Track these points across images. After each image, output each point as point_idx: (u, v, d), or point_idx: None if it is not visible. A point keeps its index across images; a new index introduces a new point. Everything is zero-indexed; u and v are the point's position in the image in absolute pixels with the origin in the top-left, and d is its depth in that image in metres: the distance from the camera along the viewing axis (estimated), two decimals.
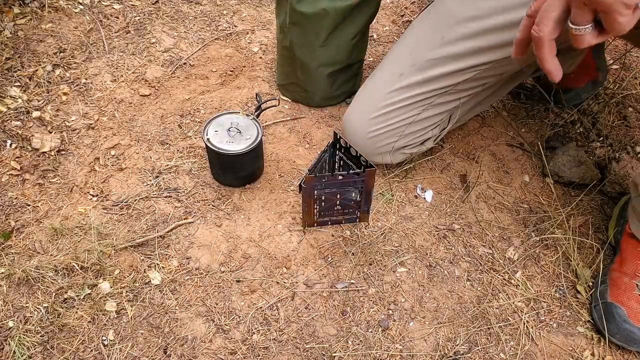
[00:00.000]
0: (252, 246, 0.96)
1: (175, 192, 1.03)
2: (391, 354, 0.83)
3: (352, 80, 1.23)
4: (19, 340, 0.81)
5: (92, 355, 0.81)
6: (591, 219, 1.04)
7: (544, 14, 0.57)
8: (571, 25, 0.55)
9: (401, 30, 1.49)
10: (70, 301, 0.86)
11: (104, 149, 1.10)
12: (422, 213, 1.03)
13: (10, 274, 0.88)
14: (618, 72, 1.37)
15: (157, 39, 1.36)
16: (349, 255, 0.95)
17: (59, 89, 1.20)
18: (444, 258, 0.96)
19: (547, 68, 0.59)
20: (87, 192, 1.02)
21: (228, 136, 0.98)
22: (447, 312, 0.89)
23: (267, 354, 0.82)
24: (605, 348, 0.86)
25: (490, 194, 1.08)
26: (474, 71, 0.95)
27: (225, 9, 1.50)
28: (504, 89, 1.11)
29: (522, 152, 1.17)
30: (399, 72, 0.98)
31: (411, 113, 1.00)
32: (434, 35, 0.94)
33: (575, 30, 0.55)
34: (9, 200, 0.99)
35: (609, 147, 1.17)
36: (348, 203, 0.96)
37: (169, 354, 0.82)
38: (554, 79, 0.60)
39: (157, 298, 0.88)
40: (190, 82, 1.27)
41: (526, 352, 0.85)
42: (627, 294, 0.86)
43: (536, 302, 0.91)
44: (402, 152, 1.05)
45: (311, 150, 1.14)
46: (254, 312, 0.87)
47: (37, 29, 1.31)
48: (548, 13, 0.57)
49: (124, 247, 0.93)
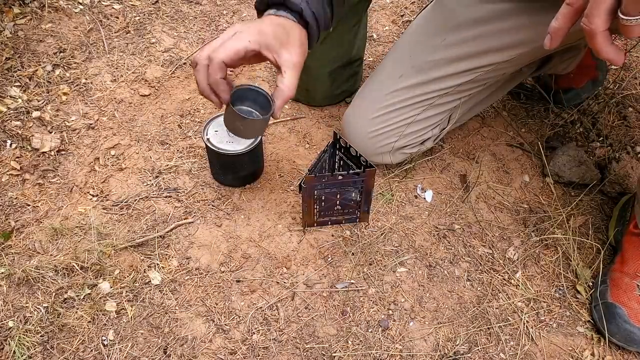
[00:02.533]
0: (252, 246, 0.96)
1: (175, 192, 1.03)
2: (391, 354, 0.83)
3: (352, 79, 1.23)
4: (19, 340, 0.81)
5: (92, 355, 0.81)
6: (591, 219, 1.04)
7: (595, 5, 0.54)
8: (622, 15, 0.53)
9: (401, 30, 1.49)
10: (70, 301, 0.86)
11: (104, 149, 1.10)
12: (422, 213, 1.03)
13: (10, 274, 0.88)
14: (618, 72, 1.37)
15: (157, 39, 1.36)
16: (349, 255, 0.95)
17: (59, 89, 1.20)
18: (444, 258, 0.97)
19: (605, 57, 0.57)
20: (87, 192, 1.02)
21: (228, 136, 0.98)
22: (447, 312, 0.89)
23: (267, 354, 0.82)
24: (605, 348, 0.86)
25: (490, 194, 1.08)
26: (475, 73, 0.95)
27: (225, 9, 1.50)
28: (504, 89, 1.11)
29: (522, 152, 1.17)
30: (398, 73, 0.98)
31: (411, 113, 1.00)
32: (434, 37, 0.94)
33: (627, 21, 0.53)
34: (9, 200, 0.99)
35: (609, 147, 1.17)
36: (348, 203, 0.96)
37: (169, 354, 0.82)
38: (617, 64, 0.58)
39: (157, 298, 0.88)
40: (190, 82, 1.27)
41: (526, 352, 0.85)
42: (628, 294, 0.86)
43: (536, 302, 0.91)
44: (402, 152, 1.05)
45: (311, 150, 1.14)
46: (254, 312, 0.87)
47: (37, 29, 1.31)
48: (599, 4, 0.54)
49: (124, 247, 0.93)
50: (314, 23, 0.75)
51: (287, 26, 0.73)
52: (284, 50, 0.71)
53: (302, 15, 0.73)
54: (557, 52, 1.09)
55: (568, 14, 0.58)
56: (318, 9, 0.75)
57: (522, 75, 1.10)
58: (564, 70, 1.20)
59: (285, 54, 0.71)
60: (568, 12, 0.58)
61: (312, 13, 0.74)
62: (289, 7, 0.74)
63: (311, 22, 0.75)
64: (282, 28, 0.73)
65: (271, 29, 0.71)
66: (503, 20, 0.88)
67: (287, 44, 0.71)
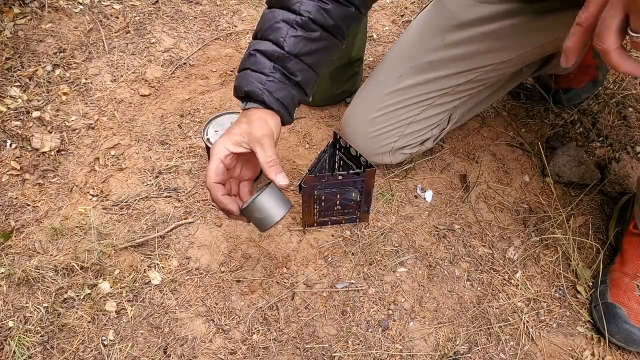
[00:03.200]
0: (252, 246, 0.96)
1: (175, 192, 1.03)
2: (391, 354, 0.83)
3: (352, 79, 1.23)
4: (19, 340, 0.81)
5: (92, 355, 0.81)
6: (591, 219, 1.04)
7: (603, 26, 0.55)
8: (632, 33, 0.54)
9: (401, 30, 1.49)
10: (70, 301, 0.86)
11: (104, 149, 1.10)
12: (422, 213, 1.03)
13: (10, 274, 0.88)
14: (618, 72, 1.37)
15: (157, 39, 1.36)
16: (349, 255, 0.95)
17: (59, 89, 1.20)
18: (444, 258, 0.97)
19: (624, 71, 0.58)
20: (87, 192, 1.02)
21: None
22: (447, 312, 0.89)
23: (267, 354, 0.82)
24: (605, 348, 0.86)
25: (490, 194, 1.08)
26: (474, 73, 0.95)
27: (225, 9, 1.50)
28: (504, 89, 1.11)
29: (522, 152, 1.17)
30: (398, 74, 0.98)
31: (411, 113, 1.00)
32: (434, 38, 0.94)
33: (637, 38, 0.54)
34: (9, 200, 0.99)
35: (609, 147, 1.17)
36: (348, 203, 0.96)
37: (168, 354, 0.82)
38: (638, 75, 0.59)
39: (157, 298, 0.88)
40: (190, 82, 1.27)
41: (526, 352, 0.85)
42: (628, 294, 0.86)
43: (536, 302, 0.91)
44: (402, 152, 1.05)
45: (311, 150, 1.14)
46: (254, 312, 0.87)
47: (37, 29, 1.31)
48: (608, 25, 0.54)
49: (124, 247, 0.93)
50: (280, 107, 0.78)
51: (249, 116, 0.77)
52: (248, 136, 0.75)
53: (266, 105, 0.77)
54: (557, 52, 1.09)
55: (579, 34, 0.58)
56: (284, 94, 0.78)
57: (522, 75, 1.10)
58: (564, 70, 1.20)
59: (249, 137, 0.75)
60: (579, 31, 0.58)
61: (276, 99, 0.77)
62: (252, 98, 0.78)
63: (276, 107, 0.78)
64: (243, 120, 0.77)
65: (235, 129, 0.76)
66: (502, 21, 0.88)
67: (249, 129, 0.75)
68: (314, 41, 0.79)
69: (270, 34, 0.78)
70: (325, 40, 0.80)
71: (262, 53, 0.77)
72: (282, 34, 0.77)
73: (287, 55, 0.77)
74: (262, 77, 0.77)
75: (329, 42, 0.81)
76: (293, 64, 0.78)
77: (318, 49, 0.80)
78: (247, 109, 0.78)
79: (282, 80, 0.78)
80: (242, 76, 0.78)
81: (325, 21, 0.78)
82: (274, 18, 0.78)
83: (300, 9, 0.77)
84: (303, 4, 0.77)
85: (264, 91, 0.76)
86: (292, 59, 0.78)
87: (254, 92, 0.77)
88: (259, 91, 0.76)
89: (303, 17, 0.77)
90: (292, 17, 0.77)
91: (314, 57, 0.80)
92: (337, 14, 0.79)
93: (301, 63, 0.79)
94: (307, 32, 0.78)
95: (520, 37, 0.90)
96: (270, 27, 0.78)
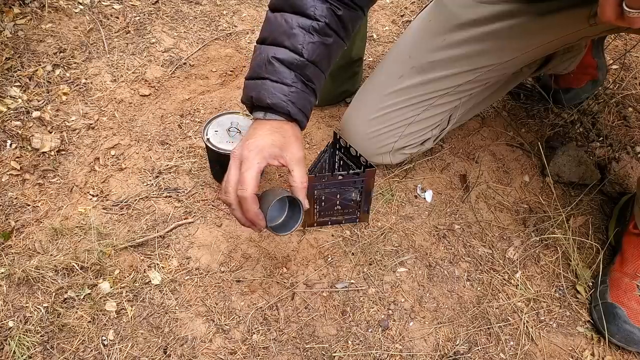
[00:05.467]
0: (252, 246, 0.96)
1: (175, 192, 1.03)
2: (391, 354, 0.83)
3: (352, 79, 1.23)
4: (19, 340, 0.81)
5: (92, 355, 0.81)
6: (591, 219, 1.04)
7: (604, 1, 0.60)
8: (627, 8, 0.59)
9: (401, 30, 1.49)
10: (70, 301, 0.86)
11: (104, 149, 1.10)
12: (422, 213, 1.03)
13: (10, 274, 0.88)
14: (618, 72, 1.37)
15: (157, 39, 1.36)
16: (349, 255, 0.95)
17: (59, 89, 1.20)
18: (444, 258, 0.97)
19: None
20: (87, 192, 1.02)
21: (228, 136, 0.98)
22: (447, 312, 0.89)
23: (267, 354, 0.82)
24: (605, 348, 0.86)
25: (490, 194, 1.08)
26: (475, 73, 0.95)
27: (225, 9, 1.50)
28: (504, 89, 1.11)
29: (522, 152, 1.17)
30: (398, 74, 0.98)
31: (411, 114, 1.00)
32: (434, 38, 0.94)
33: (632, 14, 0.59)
34: (9, 200, 0.99)
35: (609, 147, 1.17)
36: (348, 203, 0.96)
37: (169, 354, 0.82)
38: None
39: (157, 298, 0.88)
40: (190, 82, 1.27)
41: (526, 352, 0.85)
42: (628, 294, 0.86)
43: (536, 302, 0.91)
44: (402, 153, 1.05)
45: (311, 150, 1.14)
46: (254, 312, 0.87)
47: (37, 29, 1.31)
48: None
49: (124, 247, 0.93)
50: (303, 116, 0.78)
51: (279, 128, 0.77)
52: (285, 153, 0.75)
53: (290, 116, 0.77)
54: (557, 52, 1.09)
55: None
56: (304, 103, 0.78)
57: (522, 75, 1.10)
58: (564, 70, 1.20)
59: (288, 154, 0.75)
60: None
61: (299, 110, 0.77)
62: (276, 110, 0.77)
63: (300, 117, 0.78)
64: (276, 132, 0.76)
65: (269, 140, 0.75)
66: (503, 21, 0.88)
67: (286, 145, 0.75)
68: (328, 46, 0.78)
69: (285, 40, 0.76)
70: (337, 44, 0.80)
71: (281, 62, 0.76)
72: (300, 40, 0.76)
73: (306, 63, 0.76)
74: (284, 88, 0.76)
75: (338, 46, 0.81)
76: (311, 71, 0.77)
77: (331, 54, 0.80)
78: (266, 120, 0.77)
79: (303, 89, 0.77)
80: (261, 87, 0.77)
81: (337, 26, 0.78)
82: (287, 23, 0.76)
83: (316, 14, 0.75)
84: (317, 9, 0.75)
85: (288, 103, 0.76)
86: (310, 66, 0.77)
87: (279, 105, 0.76)
88: (283, 103, 0.75)
89: (320, 23, 0.76)
90: (309, 23, 0.76)
91: (327, 61, 0.80)
92: (348, 17, 0.79)
93: (317, 69, 0.78)
94: (323, 37, 0.77)
95: (521, 38, 0.90)
96: (285, 32, 0.76)
